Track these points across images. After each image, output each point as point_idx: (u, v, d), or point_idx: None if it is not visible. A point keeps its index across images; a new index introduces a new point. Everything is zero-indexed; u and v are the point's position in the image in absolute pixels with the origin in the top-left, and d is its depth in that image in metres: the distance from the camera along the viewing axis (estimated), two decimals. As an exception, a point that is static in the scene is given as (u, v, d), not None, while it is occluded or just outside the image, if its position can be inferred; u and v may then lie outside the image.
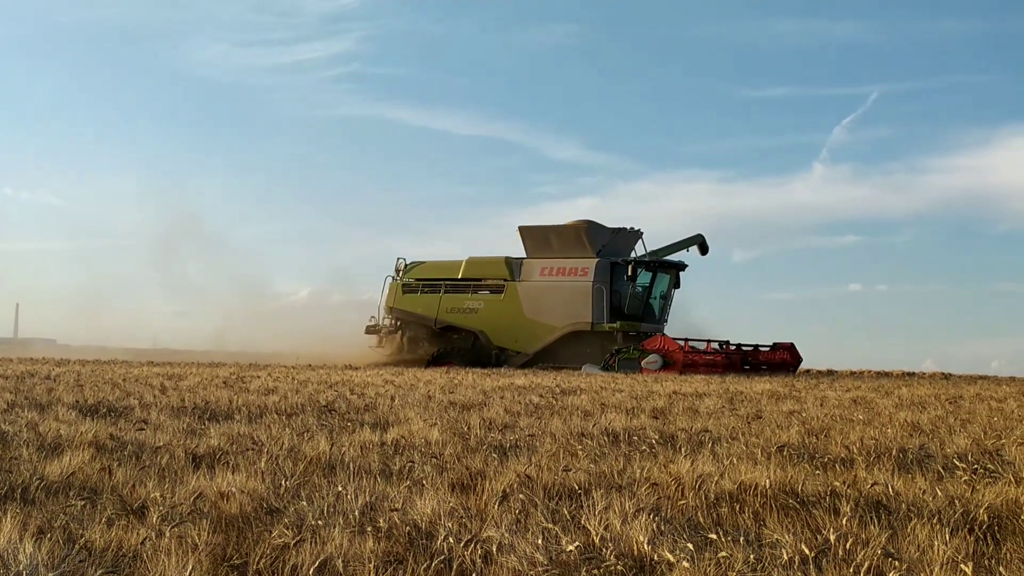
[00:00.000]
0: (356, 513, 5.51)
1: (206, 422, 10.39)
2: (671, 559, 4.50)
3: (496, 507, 5.84)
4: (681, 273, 37.58)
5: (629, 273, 34.97)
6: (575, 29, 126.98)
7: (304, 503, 5.80)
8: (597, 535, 4.96)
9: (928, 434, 10.24)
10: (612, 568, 4.50)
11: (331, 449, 7.93)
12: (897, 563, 4.37)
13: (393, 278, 40.07)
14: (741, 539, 4.92)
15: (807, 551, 4.60)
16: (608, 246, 36.31)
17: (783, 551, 4.66)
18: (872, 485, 6.37)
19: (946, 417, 12.38)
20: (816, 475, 6.97)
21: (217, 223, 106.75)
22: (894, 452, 8.34)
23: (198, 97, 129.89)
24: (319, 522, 5.30)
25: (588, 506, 5.61)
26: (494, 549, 4.77)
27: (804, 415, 12.44)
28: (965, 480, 6.77)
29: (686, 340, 32.36)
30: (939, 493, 6.06)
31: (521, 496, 6.17)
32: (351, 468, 7.20)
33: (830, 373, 37.25)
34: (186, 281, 69.06)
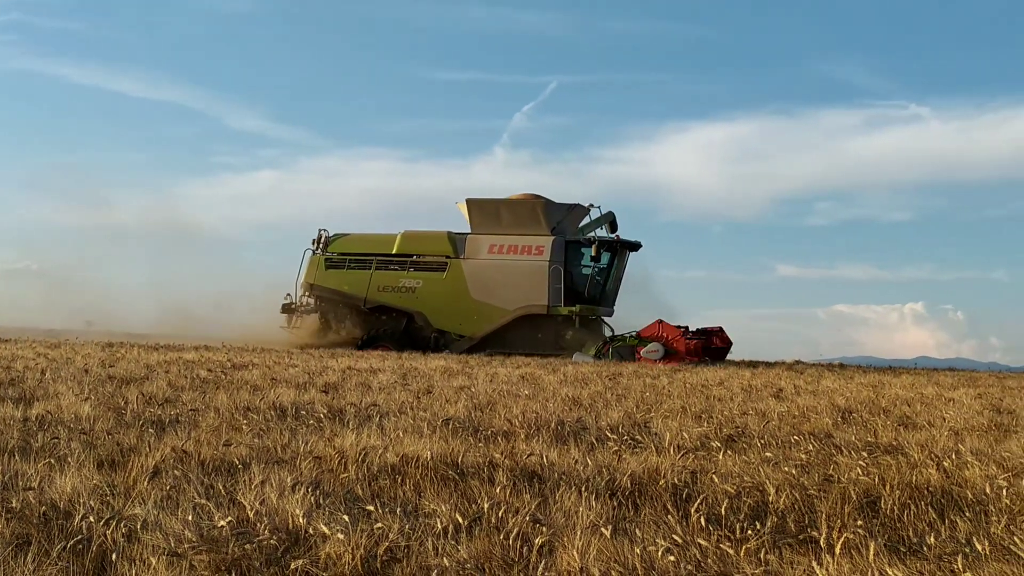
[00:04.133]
0: (-16, 493, 5.05)
1: None
2: (326, 531, 4.44)
3: (146, 483, 5.55)
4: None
5: (593, 253, 32.11)
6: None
7: (-77, 484, 5.26)
8: (252, 510, 4.82)
9: (587, 408, 10.79)
10: (265, 542, 4.36)
11: (-37, 425, 7.22)
12: (544, 528, 4.53)
13: (313, 251, 35.37)
14: (399, 510, 4.93)
15: (461, 520, 4.68)
16: (561, 223, 33.46)
17: (438, 520, 4.72)
18: (529, 456, 6.61)
19: (604, 392, 13.11)
20: (478, 447, 7.13)
21: None
22: (553, 425, 8.71)
23: None
24: (-61, 504, 4.82)
25: (245, 481, 5.45)
26: (139, 527, 4.51)
27: (473, 390, 12.75)
28: (614, 450, 7.17)
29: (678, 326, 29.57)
30: (589, 462, 6.38)
31: (175, 472, 5.90)
32: (-15, 446, 6.58)
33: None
34: None
